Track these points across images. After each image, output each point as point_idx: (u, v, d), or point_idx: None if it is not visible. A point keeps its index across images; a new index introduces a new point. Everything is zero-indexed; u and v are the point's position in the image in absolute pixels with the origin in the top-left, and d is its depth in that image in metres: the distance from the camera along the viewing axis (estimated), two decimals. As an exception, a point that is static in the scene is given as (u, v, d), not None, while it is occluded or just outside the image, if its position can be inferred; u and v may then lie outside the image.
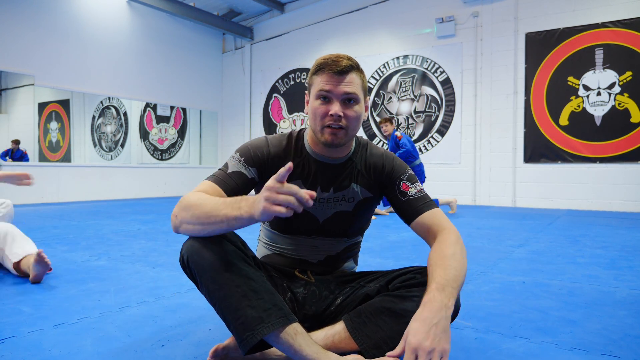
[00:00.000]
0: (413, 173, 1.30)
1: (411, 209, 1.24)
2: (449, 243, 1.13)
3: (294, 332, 1.03)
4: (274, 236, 1.36)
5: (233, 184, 1.19)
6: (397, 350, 0.98)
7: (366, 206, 1.33)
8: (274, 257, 1.37)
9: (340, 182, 1.29)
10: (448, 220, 1.21)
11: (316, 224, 1.30)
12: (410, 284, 1.17)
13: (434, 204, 1.25)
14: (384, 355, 1.08)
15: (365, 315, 1.15)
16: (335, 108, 1.17)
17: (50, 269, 2.11)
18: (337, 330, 1.16)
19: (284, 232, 1.34)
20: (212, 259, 1.05)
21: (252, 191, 1.26)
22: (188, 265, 1.09)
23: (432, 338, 0.93)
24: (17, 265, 2.01)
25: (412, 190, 1.25)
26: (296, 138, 1.30)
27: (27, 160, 7.50)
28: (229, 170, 1.21)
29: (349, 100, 1.19)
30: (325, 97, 1.18)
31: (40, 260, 1.88)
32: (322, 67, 1.19)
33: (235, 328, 1.03)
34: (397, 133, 5.38)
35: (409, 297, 1.13)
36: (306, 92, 1.27)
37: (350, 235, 1.36)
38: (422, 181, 5.31)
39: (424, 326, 0.95)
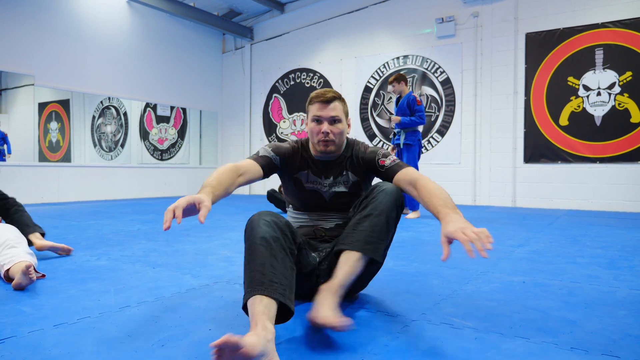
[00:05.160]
0: (386, 151, 1.77)
1: (389, 173, 1.71)
2: (427, 182, 1.56)
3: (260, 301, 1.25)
4: (298, 215, 1.85)
5: (264, 163, 1.70)
6: (445, 250, 1.25)
7: (358, 186, 1.81)
8: (298, 229, 1.79)
9: (337, 172, 1.79)
10: (418, 172, 1.66)
11: (324, 201, 1.80)
12: (365, 196, 1.63)
13: (405, 164, 1.71)
14: (378, 246, 1.53)
15: (349, 233, 1.56)
16: (324, 127, 1.69)
17: (43, 276, 2.11)
18: (341, 257, 1.53)
19: (301, 209, 1.84)
20: (256, 235, 1.38)
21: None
22: (245, 232, 1.45)
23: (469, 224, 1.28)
24: (6, 273, 2.00)
25: (388, 162, 1.73)
26: (303, 144, 1.82)
27: (8, 143, 7.42)
28: (260, 154, 1.72)
29: (334, 121, 1.71)
30: (318, 120, 1.71)
31: (26, 272, 1.87)
32: (315, 98, 1.72)
33: (244, 282, 1.34)
34: (418, 97, 4.98)
35: (369, 203, 1.58)
36: (305, 116, 1.84)
37: (349, 208, 1.78)
38: (420, 153, 5.13)
39: (459, 220, 1.32)
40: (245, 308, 1.30)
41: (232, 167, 1.56)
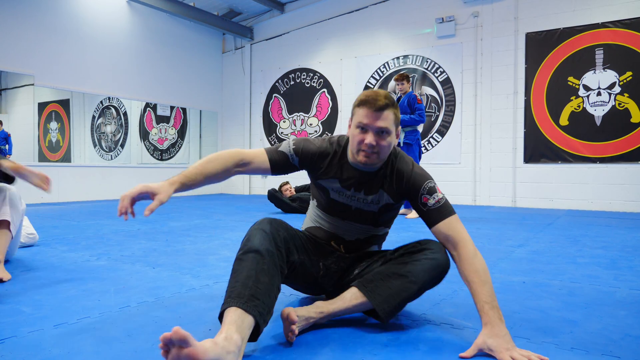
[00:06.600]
0: (432, 185, 1.48)
1: (430, 218, 1.46)
2: (472, 255, 1.36)
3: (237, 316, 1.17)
4: (319, 212, 1.67)
5: (277, 158, 1.52)
6: (469, 352, 1.22)
7: (389, 209, 1.59)
8: (315, 229, 1.67)
9: (371, 187, 1.54)
10: (464, 229, 1.42)
11: (349, 214, 1.59)
12: (412, 251, 1.50)
13: (451, 211, 1.44)
14: (394, 311, 1.40)
15: (377, 280, 1.45)
16: (369, 139, 1.41)
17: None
18: (353, 293, 1.45)
19: (325, 211, 1.64)
20: (250, 246, 1.32)
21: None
22: (243, 239, 1.39)
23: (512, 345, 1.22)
24: None
25: (431, 202, 1.46)
26: (339, 145, 1.57)
27: (10, 144, 7.44)
28: (279, 149, 1.54)
29: (382, 132, 1.42)
30: (363, 128, 1.43)
31: None
32: (364, 102, 1.43)
33: (226, 291, 1.26)
34: (418, 96, 5.04)
35: (411, 262, 1.45)
36: (350, 117, 1.51)
37: (377, 225, 1.64)
38: (420, 152, 5.18)
39: (504, 335, 1.22)
40: (220, 318, 1.25)
41: (233, 155, 1.45)
